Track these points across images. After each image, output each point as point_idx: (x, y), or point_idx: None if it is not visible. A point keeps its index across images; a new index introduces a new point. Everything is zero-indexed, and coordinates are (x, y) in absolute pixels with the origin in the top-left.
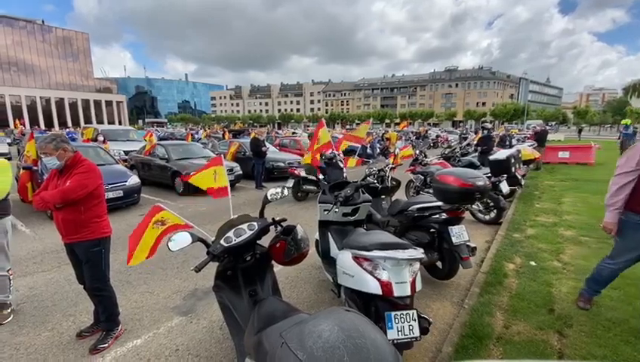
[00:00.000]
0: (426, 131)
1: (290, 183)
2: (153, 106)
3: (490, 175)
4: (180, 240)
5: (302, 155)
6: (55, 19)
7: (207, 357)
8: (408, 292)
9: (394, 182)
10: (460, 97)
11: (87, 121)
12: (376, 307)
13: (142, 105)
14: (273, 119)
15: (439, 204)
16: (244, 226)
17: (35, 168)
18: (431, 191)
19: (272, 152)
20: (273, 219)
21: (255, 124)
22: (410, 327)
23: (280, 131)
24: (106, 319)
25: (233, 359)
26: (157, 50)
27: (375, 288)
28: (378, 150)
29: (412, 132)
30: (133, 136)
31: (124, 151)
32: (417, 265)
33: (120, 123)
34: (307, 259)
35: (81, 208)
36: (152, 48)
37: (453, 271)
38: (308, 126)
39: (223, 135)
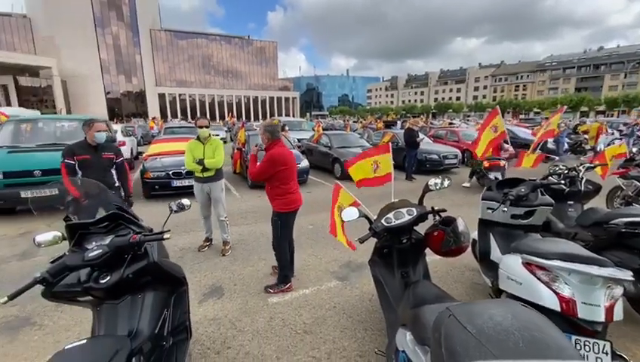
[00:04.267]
0: None
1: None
2: (319, 101)
3: None
4: (350, 213)
5: (459, 148)
6: (255, 33)
7: (358, 321)
8: (601, 318)
9: (590, 186)
10: None
11: (272, 114)
12: None
13: (310, 99)
14: (428, 109)
15: None
16: (404, 210)
17: (244, 149)
18: None
19: (425, 143)
20: (432, 207)
21: (408, 115)
22: (599, 361)
23: (435, 121)
24: (279, 273)
25: (382, 329)
26: (324, 49)
27: (552, 302)
28: (566, 145)
29: (624, 123)
30: (304, 126)
31: (297, 139)
32: (620, 290)
33: (293, 115)
34: (460, 258)
35: (268, 186)
36: (320, 48)
37: None
38: (468, 116)
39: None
